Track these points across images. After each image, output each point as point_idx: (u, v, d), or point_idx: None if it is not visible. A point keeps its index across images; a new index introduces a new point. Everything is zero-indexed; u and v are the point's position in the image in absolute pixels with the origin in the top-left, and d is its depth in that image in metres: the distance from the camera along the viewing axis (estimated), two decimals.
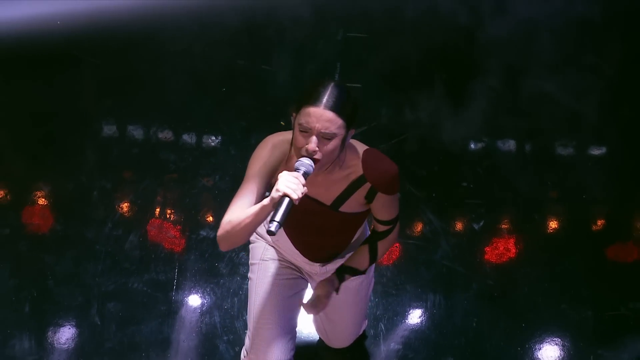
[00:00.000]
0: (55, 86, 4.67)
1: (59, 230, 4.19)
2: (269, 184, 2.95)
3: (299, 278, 3.39)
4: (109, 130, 4.56)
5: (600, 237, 4.22)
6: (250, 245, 3.38)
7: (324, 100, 2.80)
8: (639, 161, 4.50)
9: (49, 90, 4.66)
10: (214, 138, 4.50)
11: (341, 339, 3.70)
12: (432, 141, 4.53)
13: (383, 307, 3.93)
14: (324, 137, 2.80)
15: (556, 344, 3.85)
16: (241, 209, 2.88)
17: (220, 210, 3.43)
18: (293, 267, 3.38)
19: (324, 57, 4.70)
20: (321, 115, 2.79)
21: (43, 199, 4.32)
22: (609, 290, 4.03)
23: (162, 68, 4.66)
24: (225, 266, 3.99)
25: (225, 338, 3.83)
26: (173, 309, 3.91)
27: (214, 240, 4.04)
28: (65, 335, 3.83)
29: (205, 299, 3.96)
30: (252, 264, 3.38)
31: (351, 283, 3.36)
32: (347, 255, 3.30)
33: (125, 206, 4.28)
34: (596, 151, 4.54)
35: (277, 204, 2.72)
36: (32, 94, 4.68)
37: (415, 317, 3.93)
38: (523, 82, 4.76)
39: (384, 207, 3.05)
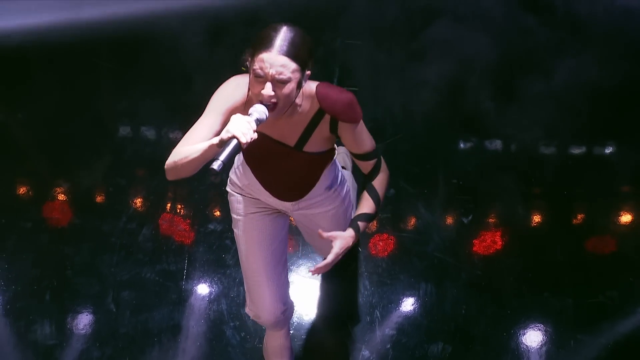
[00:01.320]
0: (75, 90, 4.66)
1: (77, 224, 4.20)
2: (226, 121, 2.80)
3: (278, 220, 3.30)
4: (124, 131, 4.55)
5: (580, 231, 4.24)
6: (228, 198, 3.29)
7: (277, 45, 2.65)
8: (615, 159, 4.47)
9: (70, 94, 4.65)
10: None
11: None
12: (425, 141, 4.51)
13: (378, 295, 3.96)
14: (278, 82, 2.67)
15: (539, 329, 3.87)
16: (194, 142, 2.74)
17: (226, 206, 3.45)
18: (269, 209, 3.27)
19: (323, 62, 4.70)
20: (274, 60, 2.65)
21: (62, 195, 4.33)
22: (588, 280, 4.05)
23: (173, 73, 4.66)
24: (232, 257, 4.01)
25: (231, 324, 3.86)
26: (183, 297, 3.94)
27: (221, 234, 4.11)
28: (83, 321, 3.87)
29: (213, 288, 3.98)
30: (234, 219, 3.30)
31: (327, 214, 3.30)
32: (317, 193, 3.19)
33: (138, 201, 4.29)
34: (576, 150, 4.52)
35: (224, 144, 2.60)
36: (54, 97, 4.66)
37: (408, 304, 3.95)
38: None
39: (354, 138, 2.91)
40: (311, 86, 2.82)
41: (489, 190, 4.35)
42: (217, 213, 4.19)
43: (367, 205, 2.96)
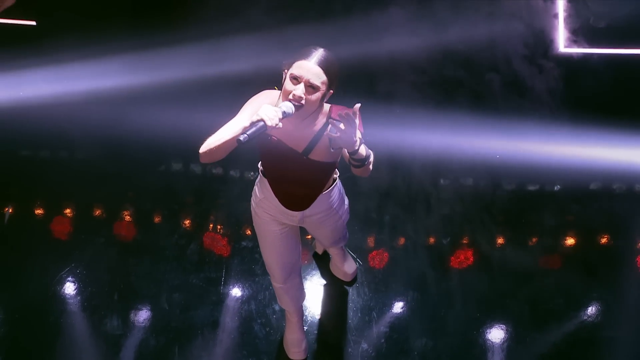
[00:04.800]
0: (142, 136, 4.48)
1: (139, 240, 4.23)
2: None
3: (290, 233, 3.23)
4: (177, 166, 4.51)
5: (534, 250, 4.20)
6: (252, 212, 3.24)
7: (314, 57, 2.66)
8: (562, 196, 4.39)
9: (137, 138, 4.49)
10: (252, 174, 4.38)
11: (327, 244, 3.62)
12: (415, 180, 4.44)
13: (375, 300, 3.97)
14: (310, 87, 2.65)
15: (501, 329, 3.90)
16: (223, 133, 2.72)
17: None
18: (280, 226, 3.19)
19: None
20: (311, 68, 2.64)
21: (128, 217, 4.32)
22: (541, 290, 4.03)
23: (214, 123, 4.22)
24: (260, 267, 4.04)
25: (259, 321, 3.90)
26: (221, 299, 3.97)
27: (252, 249, 4.13)
28: (143, 316, 3.92)
29: (244, 292, 4.00)
30: (258, 234, 3.26)
31: (328, 228, 3.25)
32: (320, 209, 3.10)
33: (187, 222, 4.28)
34: (531, 187, 4.43)
35: (253, 124, 2.56)
36: (127, 140, 4.51)
37: (398, 307, 3.97)
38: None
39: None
40: (325, 106, 2.82)
41: (463, 217, 4.32)
42: (249, 232, 4.20)
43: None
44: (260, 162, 3.09)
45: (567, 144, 4.37)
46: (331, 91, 2.73)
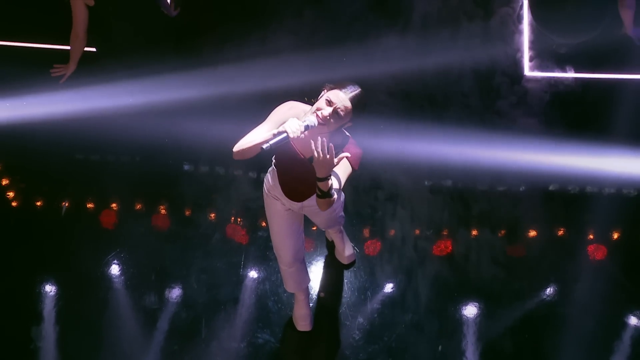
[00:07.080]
0: (175, 144, 4.58)
1: (173, 230, 4.33)
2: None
3: (293, 214, 3.33)
4: (204, 169, 4.56)
5: (502, 241, 4.29)
6: (263, 195, 3.34)
7: (351, 94, 2.79)
8: (525, 195, 4.44)
9: (172, 145, 4.57)
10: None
11: (323, 228, 3.73)
12: (402, 182, 4.49)
13: (369, 281, 4.09)
14: (336, 113, 2.77)
15: (475, 306, 4.04)
16: (253, 137, 2.83)
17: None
18: (285, 207, 3.30)
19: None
20: (344, 100, 2.77)
21: (164, 210, 4.42)
22: (508, 274, 4.16)
23: (240, 133, 3.67)
24: (273, 254, 3.98)
25: (272, 299, 4.03)
26: (241, 279, 4.09)
27: (266, 238, 4.21)
28: (175, 293, 4.05)
29: (260, 274, 4.11)
30: (267, 214, 3.37)
31: (323, 216, 3.37)
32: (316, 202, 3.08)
33: (212, 216, 4.37)
34: (500, 188, 4.48)
35: (277, 135, 2.69)
36: (164, 148, 4.57)
37: (389, 288, 4.08)
38: None
39: (342, 170, 2.86)
40: (344, 134, 2.94)
41: (444, 212, 4.39)
42: (264, 224, 4.27)
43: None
44: (274, 156, 3.27)
45: (532, 152, 4.50)
46: (350, 123, 2.88)
